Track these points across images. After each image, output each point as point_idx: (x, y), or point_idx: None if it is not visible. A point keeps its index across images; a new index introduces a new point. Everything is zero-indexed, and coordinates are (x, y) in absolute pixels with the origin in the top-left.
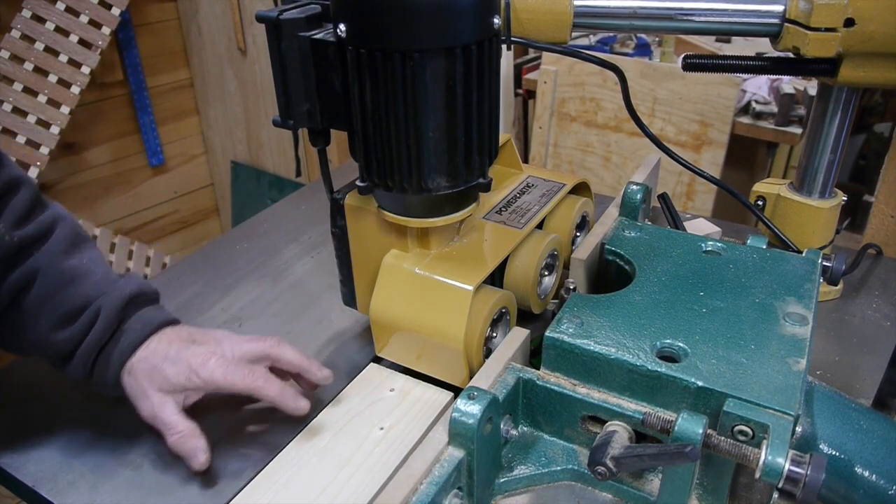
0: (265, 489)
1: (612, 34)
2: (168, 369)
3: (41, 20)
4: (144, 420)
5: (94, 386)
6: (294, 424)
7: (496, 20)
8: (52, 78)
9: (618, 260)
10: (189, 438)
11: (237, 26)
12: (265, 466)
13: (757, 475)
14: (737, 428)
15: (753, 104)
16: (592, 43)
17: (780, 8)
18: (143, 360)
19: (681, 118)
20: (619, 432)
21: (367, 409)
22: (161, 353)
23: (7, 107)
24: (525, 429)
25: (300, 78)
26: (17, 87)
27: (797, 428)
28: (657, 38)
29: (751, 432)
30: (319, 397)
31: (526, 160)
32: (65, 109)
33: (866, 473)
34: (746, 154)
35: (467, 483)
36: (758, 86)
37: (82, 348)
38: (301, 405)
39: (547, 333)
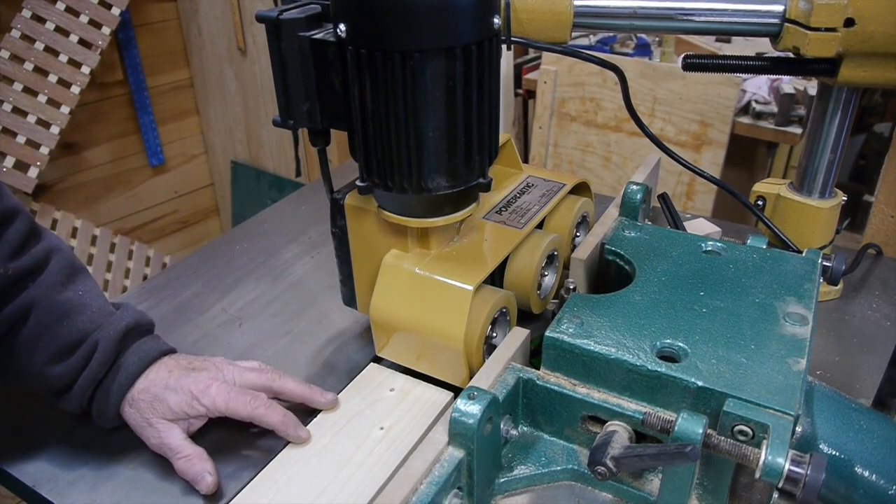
0: (265, 489)
1: (612, 34)
2: (170, 398)
3: (41, 20)
4: (151, 449)
5: (92, 418)
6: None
7: (496, 20)
8: (52, 78)
9: (618, 260)
10: (196, 461)
11: (237, 26)
12: (265, 467)
13: (757, 475)
14: (737, 428)
15: (753, 104)
16: (592, 43)
17: (780, 8)
18: (144, 391)
19: (681, 118)
20: (619, 432)
21: (368, 408)
22: (161, 382)
23: (7, 107)
24: (525, 429)
25: (300, 78)
26: (17, 87)
27: (797, 428)
28: (657, 38)
29: (751, 432)
30: None
31: (526, 160)
32: (65, 109)
33: (866, 473)
34: (746, 154)
35: (467, 483)
36: (758, 86)
37: (79, 382)
38: (301, 434)
39: (547, 333)
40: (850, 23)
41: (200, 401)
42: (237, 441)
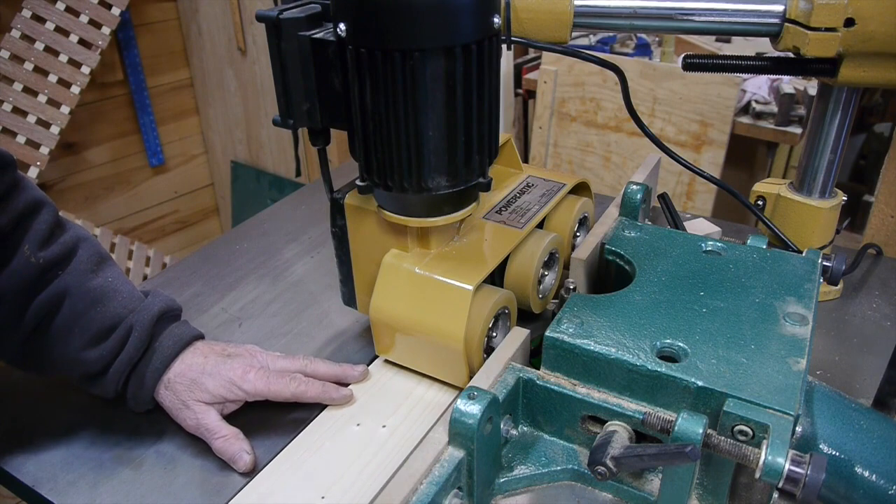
0: (265, 488)
1: (612, 34)
2: (208, 382)
3: (41, 20)
4: (188, 430)
5: (126, 401)
6: (294, 423)
7: (496, 19)
8: (52, 78)
9: (618, 260)
10: (234, 441)
11: (237, 26)
12: (259, 472)
13: (757, 475)
14: (737, 428)
15: (753, 104)
16: (592, 43)
17: (780, 8)
18: (181, 375)
19: (681, 118)
20: (619, 432)
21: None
22: (198, 367)
23: (7, 107)
24: (525, 429)
25: (300, 77)
26: (17, 87)
27: (797, 428)
28: (657, 38)
29: (751, 432)
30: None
31: (526, 160)
32: (65, 109)
33: (866, 473)
34: (746, 154)
35: (467, 483)
36: (758, 86)
37: (115, 366)
38: (344, 393)
39: (547, 333)
40: (850, 23)
41: (241, 387)
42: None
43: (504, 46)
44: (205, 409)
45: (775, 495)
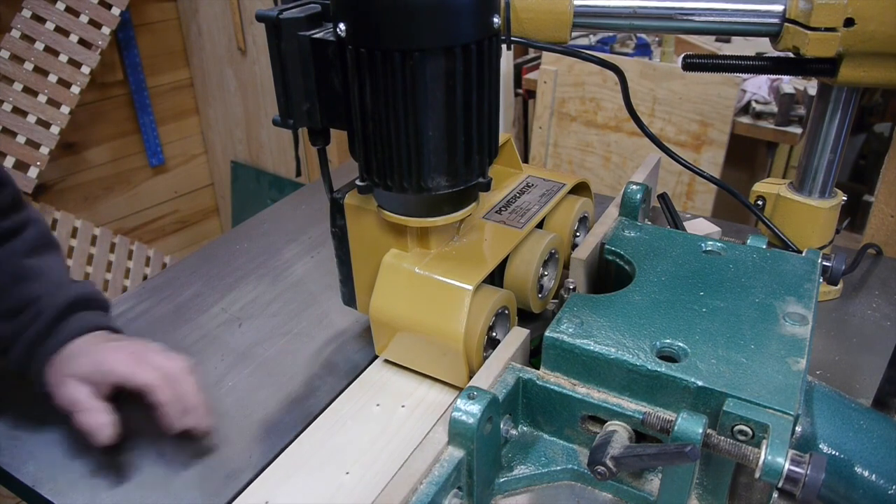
0: (266, 490)
1: (612, 34)
2: (80, 360)
3: (41, 20)
4: (60, 407)
5: (32, 378)
6: (295, 422)
7: (496, 19)
8: (52, 78)
9: (618, 260)
10: (95, 414)
11: (237, 26)
12: (266, 466)
13: (757, 475)
14: (737, 428)
15: (753, 104)
16: (592, 43)
17: (780, 8)
18: (67, 354)
19: (681, 118)
20: (619, 432)
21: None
22: (83, 349)
23: (7, 107)
24: (525, 429)
25: (300, 77)
26: (17, 87)
27: (797, 428)
28: (657, 38)
29: (750, 432)
30: (321, 396)
31: (526, 160)
32: (65, 109)
33: (866, 473)
34: (746, 154)
35: (467, 483)
36: (758, 86)
37: (21, 342)
38: (177, 426)
39: (547, 333)
40: (850, 23)
41: (102, 366)
42: (239, 439)
43: (504, 46)
44: (74, 384)
45: (775, 495)
